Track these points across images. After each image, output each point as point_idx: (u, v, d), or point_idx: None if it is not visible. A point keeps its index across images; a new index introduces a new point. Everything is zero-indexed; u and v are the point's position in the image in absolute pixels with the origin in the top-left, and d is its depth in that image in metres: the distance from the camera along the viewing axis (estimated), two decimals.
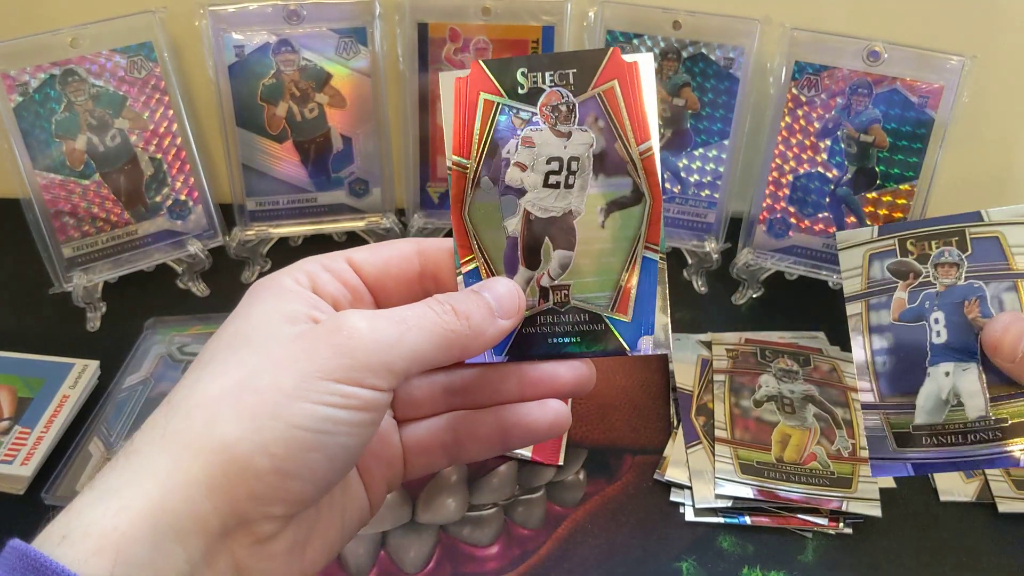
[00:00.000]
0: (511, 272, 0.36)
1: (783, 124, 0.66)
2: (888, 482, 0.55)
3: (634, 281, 0.35)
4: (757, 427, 0.58)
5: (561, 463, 0.57)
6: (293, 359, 0.30)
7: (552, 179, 0.35)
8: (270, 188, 0.73)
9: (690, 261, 0.72)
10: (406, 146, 0.73)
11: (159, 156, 0.69)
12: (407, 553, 0.52)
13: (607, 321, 0.36)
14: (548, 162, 0.35)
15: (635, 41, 0.67)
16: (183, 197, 0.71)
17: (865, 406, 0.43)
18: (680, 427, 0.59)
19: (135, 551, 0.27)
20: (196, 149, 0.70)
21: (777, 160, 0.67)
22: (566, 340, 0.36)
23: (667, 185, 0.69)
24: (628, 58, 0.34)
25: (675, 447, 0.58)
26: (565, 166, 0.35)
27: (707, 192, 0.69)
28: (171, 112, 0.69)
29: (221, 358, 0.31)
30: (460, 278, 0.36)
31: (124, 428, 0.58)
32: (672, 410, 0.61)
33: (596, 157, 0.35)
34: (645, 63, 0.35)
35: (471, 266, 0.36)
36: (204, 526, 0.28)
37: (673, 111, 0.68)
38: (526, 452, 0.57)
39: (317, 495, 0.31)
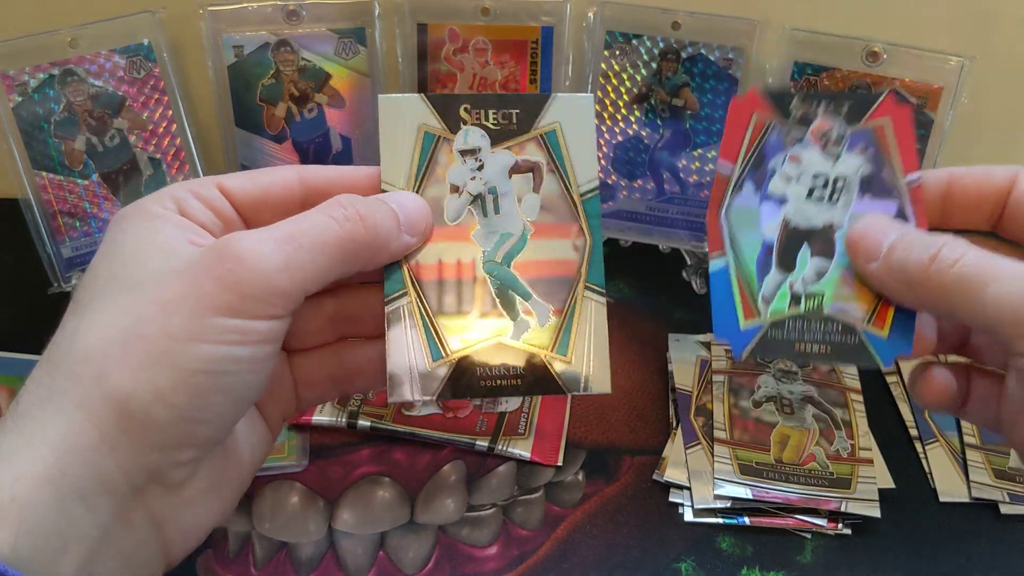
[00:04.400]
0: (763, 273, 0.36)
1: None
2: (887, 482, 0.55)
3: None
4: (756, 428, 0.58)
5: (560, 463, 0.57)
6: (180, 298, 0.28)
7: (816, 193, 0.36)
8: None
9: (689, 261, 0.72)
10: None
11: (158, 156, 0.69)
12: (406, 553, 0.52)
13: (862, 335, 0.34)
14: (814, 177, 0.36)
15: (634, 42, 0.67)
16: None
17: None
18: (679, 428, 0.59)
19: (38, 519, 0.25)
20: (195, 149, 0.70)
21: None
22: (815, 349, 0.35)
23: (667, 186, 0.69)
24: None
25: (674, 448, 0.58)
26: (831, 183, 0.36)
27: (706, 192, 0.69)
28: (170, 112, 0.69)
29: (99, 306, 0.28)
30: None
31: None
32: (671, 411, 0.61)
33: (863, 180, 0.36)
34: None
35: (720, 262, 0.36)
36: (110, 486, 0.27)
37: (672, 111, 0.68)
38: (525, 452, 0.57)
39: (225, 434, 0.30)
